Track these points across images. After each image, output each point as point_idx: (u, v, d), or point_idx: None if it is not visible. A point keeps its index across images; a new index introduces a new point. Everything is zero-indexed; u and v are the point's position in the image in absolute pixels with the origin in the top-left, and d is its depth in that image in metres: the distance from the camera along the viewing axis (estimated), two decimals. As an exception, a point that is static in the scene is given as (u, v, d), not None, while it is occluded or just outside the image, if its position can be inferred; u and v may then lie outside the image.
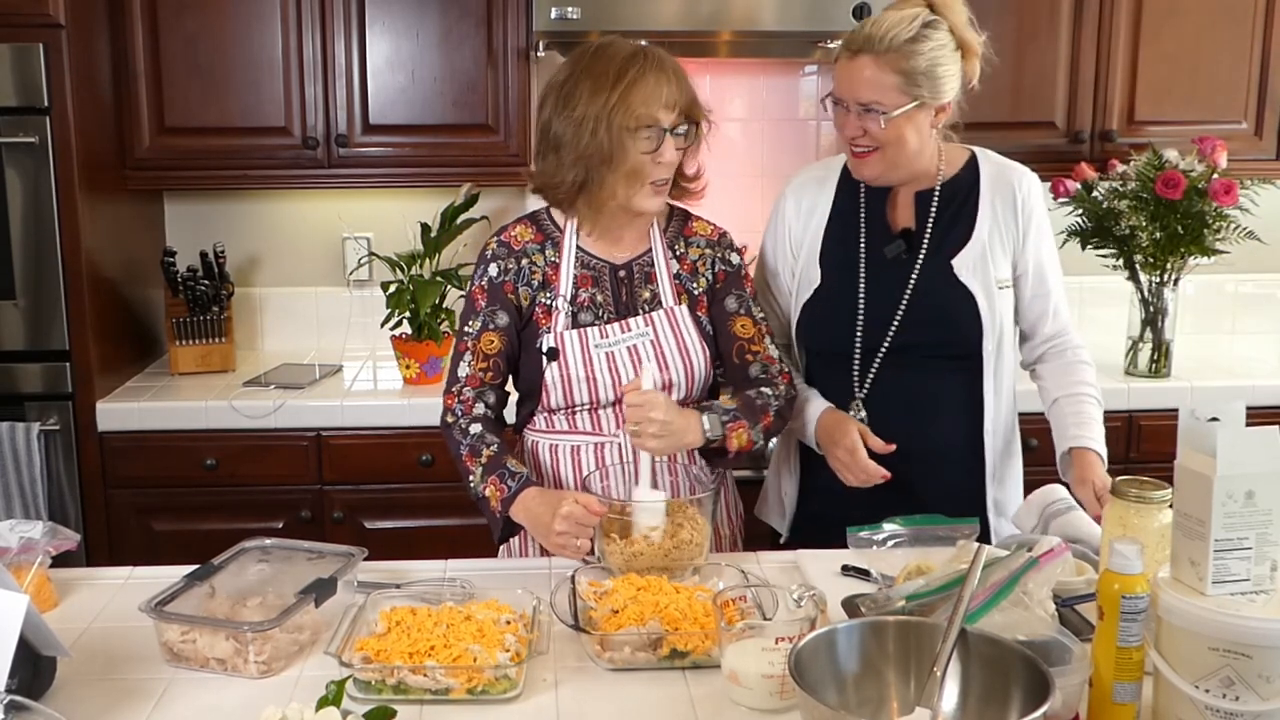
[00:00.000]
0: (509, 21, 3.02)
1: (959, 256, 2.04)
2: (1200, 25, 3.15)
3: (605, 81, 1.85)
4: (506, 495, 1.86)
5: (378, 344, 3.35)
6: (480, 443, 1.94)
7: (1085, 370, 2.11)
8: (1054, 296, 2.11)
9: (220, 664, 1.51)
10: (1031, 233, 2.06)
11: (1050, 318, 2.11)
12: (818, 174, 2.17)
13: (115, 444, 2.87)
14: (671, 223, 2.05)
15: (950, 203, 2.07)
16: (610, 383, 1.94)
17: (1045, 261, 2.09)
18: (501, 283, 1.99)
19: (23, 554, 1.65)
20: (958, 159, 2.09)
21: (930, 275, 2.04)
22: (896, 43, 1.91)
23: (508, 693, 1.43)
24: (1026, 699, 1.21)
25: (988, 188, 2.07)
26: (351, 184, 3.13)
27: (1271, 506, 1.28)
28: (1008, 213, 2.06)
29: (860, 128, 1.96)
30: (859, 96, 1.94)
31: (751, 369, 2.02)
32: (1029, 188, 2.08)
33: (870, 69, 1.93)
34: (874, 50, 1.92)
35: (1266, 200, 3.08)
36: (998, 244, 2.05)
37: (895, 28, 1.91)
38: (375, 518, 2.95)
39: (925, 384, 2.06)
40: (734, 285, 2.04)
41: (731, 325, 2.02)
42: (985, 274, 2.03)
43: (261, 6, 2.99)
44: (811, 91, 3.51)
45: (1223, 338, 3.66)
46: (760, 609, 1.55)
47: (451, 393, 2.00)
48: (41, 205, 2.75)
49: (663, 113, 1.86)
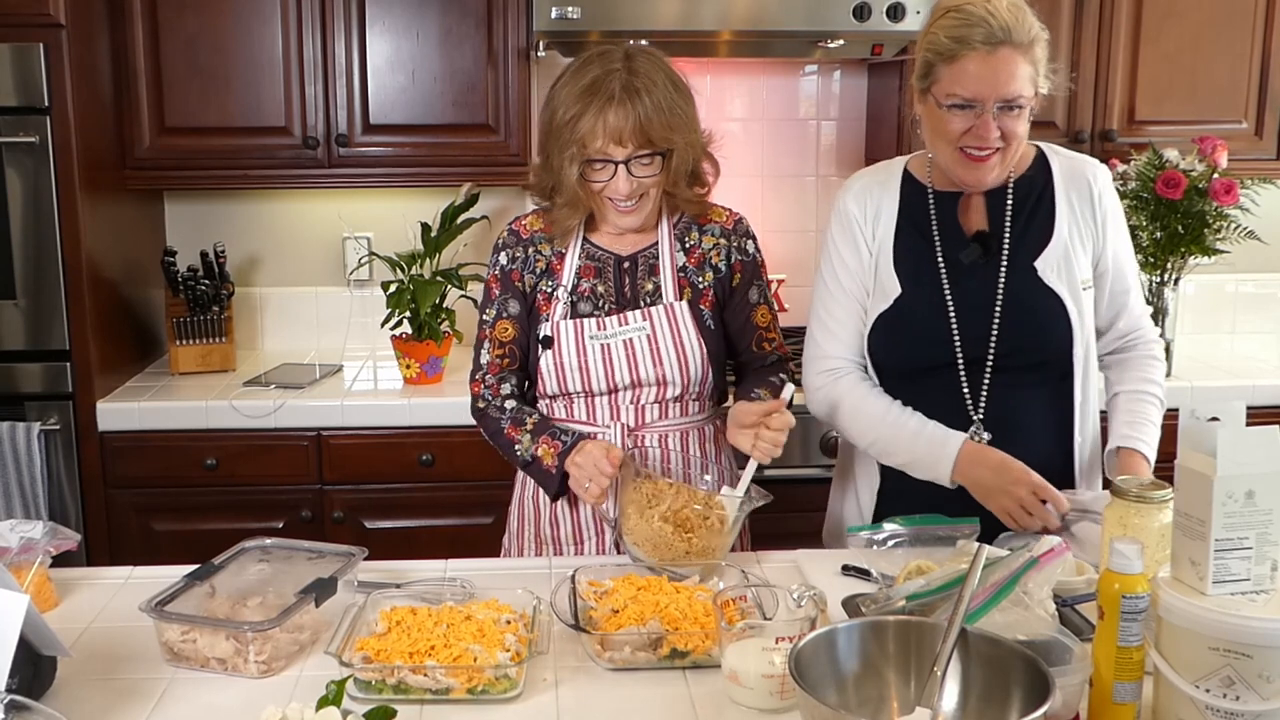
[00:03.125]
0: (509, 21, 3.02)
1: (1041, 258, 1.93)
2: (1200, 25, 3.15)
3: (566, 101, 1.87)
4: (563, 449, 1.91)
5: (378, 344, 3.35)
6: (521, 414, 1.99)
7: (1154, 368, 2.01)
8: (1133, 293, 2.01)
9: (220, 664, 1.51)
10: (1110, 227, 1.96)
11: (1126, 314, 2.01)
12: (879, 177, 2.04)
13: (115, 444, 2.87)
14: (684, 213, 2.04)
15: (1025, 202, 1.96)
16: (603, 374, 1.96)
17: (1124, 257, 1.99)
18: (510, 270, 2.03)
19: (23, 554, 1.65)
20: (1026, 155, 1.98)
21: (1016, 280, 1.93)
22: (1034, 33, 1.82)
23: (508, 693, 1.43)
24: (1026, 699, 1.21)
25: (1062, 184, 1.96)
26: (351, 184, 3.13)
27: (1271, 506, 1.28)
28: (1085, 208, 1.95)
29: (999, 127, 1.84)
30: (1004, 93, 1.82)
31: (769, 357, 2.08)
32: (1105, 181, 1.97)
33: (1016, 62, 1.81)
34: (1015, 42, 1.80)
35: (1266, 200, 3.09)
36: (1078, 243, 1.94)
37: (1024, 19, 1.81)
38: (375, 518, 2.95)
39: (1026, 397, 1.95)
40: (754, 276, 2.06)
41: (753, 315, 2.06)
42: (1071, 275, 1.93)
43: (261, 6, 2.99)
44: (812, 91, 3.50)
45: (1223, 338, 3.66)
46: (760, 609, 1.55)
47: (476, 380, 2.06)
48: (41, 205, 2.75)
49: (610, 145, 1.85)
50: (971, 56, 1.82)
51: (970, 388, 1.94)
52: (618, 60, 1.87)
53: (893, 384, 1.98)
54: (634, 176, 1.88)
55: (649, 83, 1.86)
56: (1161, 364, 2.03)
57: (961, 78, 1.83)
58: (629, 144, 1.85)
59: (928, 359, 1.95)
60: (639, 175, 1.88)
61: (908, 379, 1.97)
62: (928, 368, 1.96)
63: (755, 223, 2.12)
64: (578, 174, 1.88)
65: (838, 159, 3.52)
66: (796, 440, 2.22)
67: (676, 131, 1.88)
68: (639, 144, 1.86)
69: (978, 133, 1.85)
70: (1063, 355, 1.94)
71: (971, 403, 1.94)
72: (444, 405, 2.90)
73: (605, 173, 1.88)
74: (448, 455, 2.91)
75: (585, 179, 1.90)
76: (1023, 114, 1.85)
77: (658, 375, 1.96)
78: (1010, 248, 1.94)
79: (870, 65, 3.43)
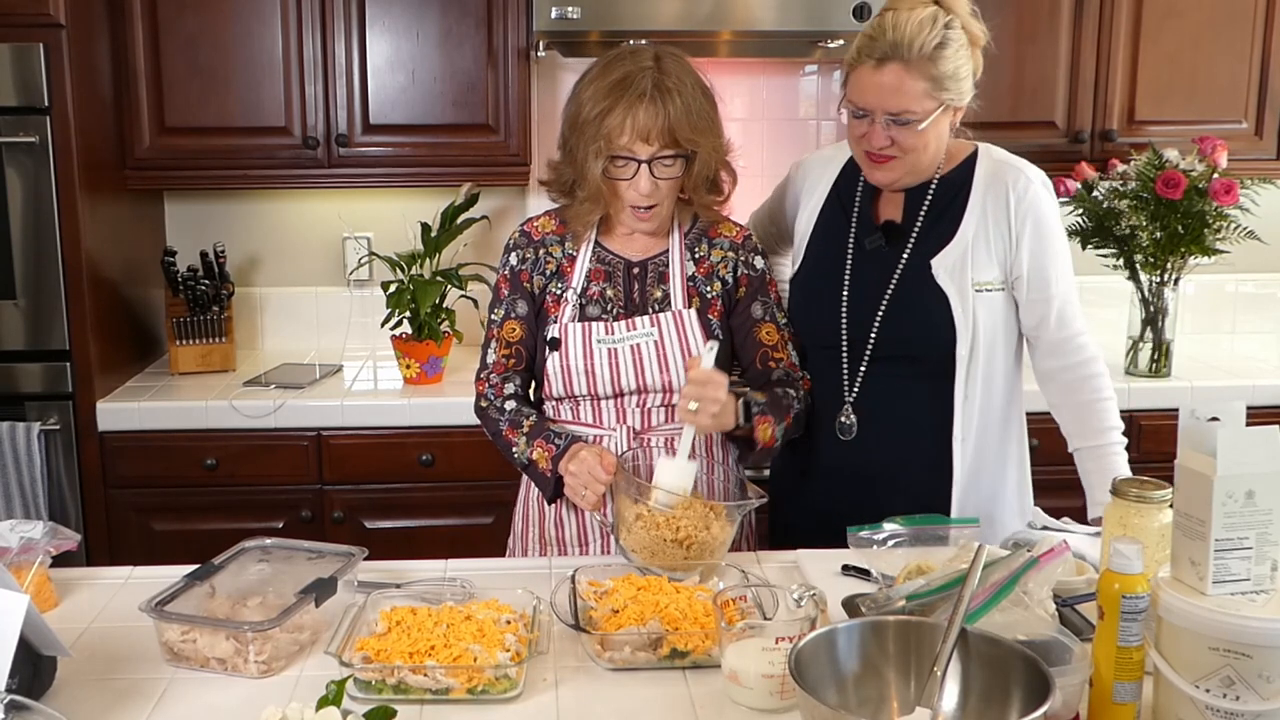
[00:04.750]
0: (509, 21, 3.02)
1: (938, 257, 1.97)
2: (1200, 25, 3.15)
3: (595, 97, 1.85)
4: (556, 452, 1.91)
5: (378, 344, 3.35)
6: (519, 415, 1.99)
7: (1103, 406, 1.98)
8: (1056, 303, 1.98)
9: (220, 664, 1.50)
10: (1027, 234, 1.96)
11: (1052, 325, 1.99)
12: (827, 154, 2.16)
13: (115, 444, 2.87)
14: (696, 224, 2.04)
15: (940, 199, 2.00)
16: (609, 378, 1.95)
17: (1045, 265, 1.97)
18: (519, 271, 2.03)
19: (23, 554, 1.65)
20: (958, 154, 2.02)
21: (910, 274, 1.99)
22: (926, 50, 1.84)
23: (508, 693, 1.43)
24: (1026, 699, 1.21)
25: (980, 186, 1.99)
26: (351, 184, 3.13)
27: (1271, 506, 1.28)
28: (999, 213, 1.97)
29: (888, 137, 1.89)
30: (889, 107, 1.87)
31: (775, 374, 2.04)
32: (1025, 187, 1.97)
33: (899, 77, 1.85)
34: (902, 58, 1.85)
35: (1266, 200, 3.09)
36: (983, 245, 1.97)
37: (921, 33, 1.84)
38: (375, 518, 2.95)
39: (901, 390, 2.00)
40: (759, 291, 2.04)
41: (757, 332, 2.04)
42: (962, 276, 1.96)
43: (261, 6, 2.99)
44: (812, 91, 3.51)
45: (1223, 338, 3.66)
46: (760, 609, 1.55)
47: (481, 378, 2.06)
48: (41, 205, 2.75)
49: (637, 143, 1.85)
50: (862, 69, 1.90)
51: (849, 371, 2.02)
52: (649, 59, 1.87)
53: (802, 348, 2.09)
54: (655, 177, 1.88)
55: (679, 84, 1.86)
56: (1104, 378, 2.01)
57: (854, 87, 1.92)
58: (655, 143, 1.85)
59: (815, 335, 2.06)
60: (660, 176, 1.88)
61: (807, 348, 2.08)
62: (817, 344, 2.06)
63: (754, 222, 2.12)
64: (601, 169, 1.88)
65: (838, 159, 3.52)
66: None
67: (701, 135, 1.88)
68: (664, 144, 1.86)
69: (869, 139, 1.92)
70: (942, 354, 1.97)
71: (848, 385, 2.02)
72: (444, 405, 2.90)
73: (628, 170, 1.87)
74: (448, 455, 2.91)
75: (607, 175, 1.89)
76: (912, 127, 1.88)
77: (664, 381, 1.96)
78: (915, 243, 2.00)
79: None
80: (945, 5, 1.89)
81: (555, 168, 2.00)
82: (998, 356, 2.01)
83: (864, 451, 2.03)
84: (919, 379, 2.01)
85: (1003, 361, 2.03)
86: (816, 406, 2.06)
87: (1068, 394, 2.02)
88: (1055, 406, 2.05)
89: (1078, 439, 2.01)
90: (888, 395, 2.01)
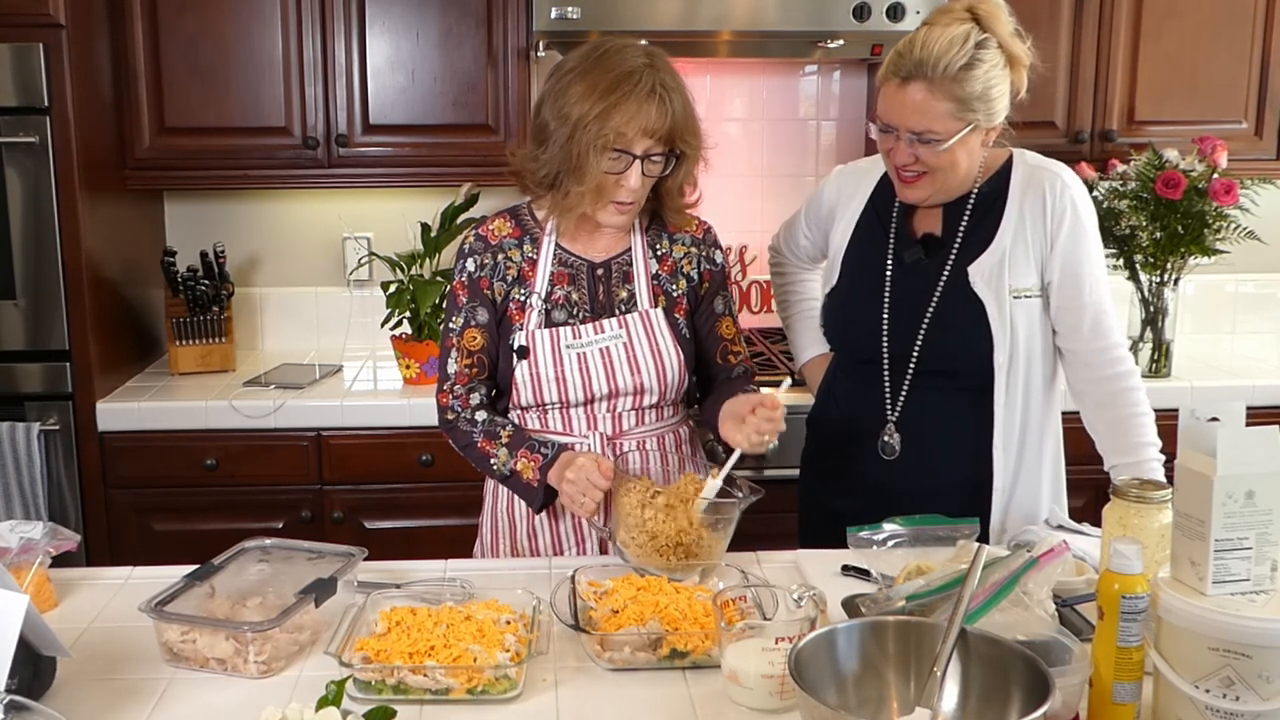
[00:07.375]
0: (509, 21, 3.02)
1: (975, 264, 1.94)
2: (1200, 25, 3.15)
3: (595, 91, 1.82)
4: (544, 462, 1.90)
5: (378, 344, 3.35)
6: (494, 426, 1.97)
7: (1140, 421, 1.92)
8: (1090, 310, 1.93)
9: (220, 664, 1.51)
10: (1062, 236, 1.92)
11: (1086, 333, 1.94)
12: (864, 165, 2.12)
13: (115, 444, 2.87)
14: (655, 220, 2.03)
15: (978, 210, 1.97)
16: (580, 383, 1.94)
17: (1081, 269, 1.93)
18: (478, 278, 1.99)
19: (23, 554, 1.65)
20: (993, 163, 1.98)
21: (951, 288, 1.95)
22: (951, 70, 1.80)
23: (508, 693, 1.43)
24: (1026, 699, 1.21)
25: (1017, 191, 1.96)
26: (351, 184, 3.13)
27: (1271, 506, 1.28)
28: (1036, 216, 1.93)
29: (912, 155, 1.88)
30: (912, 125, 1.85)
31: (735, 369, 2.06)
32: (1061, 189, 1.93)
33: (923, 97, 1.82)
34: (926, 77, 1.82)
35: (1266, 200, 3.09)
36: (1021, 251, 1.93)
37: (948, 53, 1.80)
38: (375, 518, 2.95)
39: (943, 404, 1.97)
40: (720, 287, 2.06)
41: (718, 326, 2.05)
42: (1000, 283, 1.93)
43: (261, 7, 2.99)
44: (812, 92, 3.51)
45: (1223, 338, 3.66)
46: (760, 609, 1.55)
47: (445, 390, 2.02)
48: (41, 205, 2.75)
49: (638, 139, 1.84)
50: (889, 85, 1.88)
51: (891, 387, 1.99)
52: (642, 56, 1.86)
53: (837, 363, 2.10)
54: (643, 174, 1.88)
55: (676, 85, 1.87)
56: (1140, 392, 1.95)
57: (882, 103, 1.90)
58: (653, 137, 1.85)
59: (856, 350, 2.04)
60: (647, 174, 1.88)
61: (843, 364, 2.08)
62: (858, 360, 2.03)
63: (754, 222, 2.13)
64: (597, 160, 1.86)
65: (837, 159, 3.51)
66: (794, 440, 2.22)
67: (693, 136, 1.90)
68: (659, 142, 1.86)
69: (894, 156, 1.91)
70: (981, 364, 1.94)
71: (890, 403, 1.99)
72: (444, 405, 2.89)
73: (620, 164, 1.86)
74: (448, 455, 2.89)
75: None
76: (935, 146, 1.85)
77: (635, 384, 1.94)
78: (955, 256, 1.97)
79: (870, 65, 3.43)
80: (984, 24, 1.84)
81: (528, 160, 1.94)
82: (1035, 364, 1.98)
83: (907, 470, 2.00)
84: (960, 392, 1.98)
85: (1040, 369, 1.99)
86: (854, 424, 2.05)
87: (1102, 409, 1.96)
88: (1090, 423, 1.98)
89: (1114, 455, 1.94)
90: (931, 412, 1.99)
